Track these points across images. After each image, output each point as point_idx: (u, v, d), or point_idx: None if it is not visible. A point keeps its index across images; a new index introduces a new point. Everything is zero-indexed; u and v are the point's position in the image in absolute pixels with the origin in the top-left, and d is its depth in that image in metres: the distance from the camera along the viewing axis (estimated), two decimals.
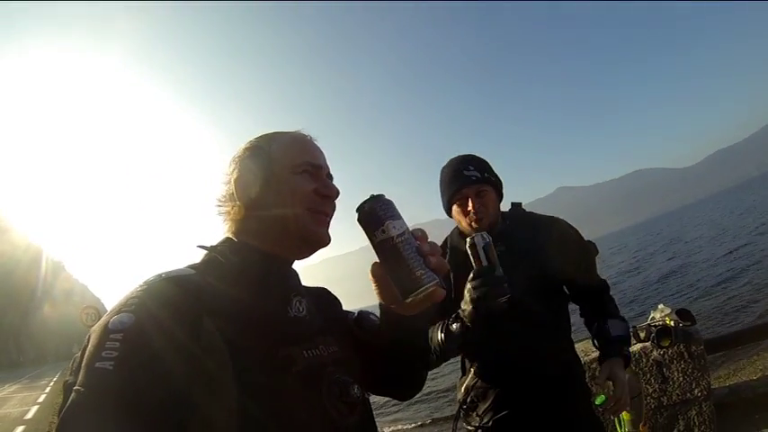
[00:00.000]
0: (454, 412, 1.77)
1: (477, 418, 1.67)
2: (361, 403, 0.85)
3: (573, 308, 1.82)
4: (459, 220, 1.76)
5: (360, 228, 0.80)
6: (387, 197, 0.81)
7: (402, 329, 0.88)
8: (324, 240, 0.89)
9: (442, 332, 1.54)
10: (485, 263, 1.36)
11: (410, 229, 0.78)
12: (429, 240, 0.79)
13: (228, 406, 0.68)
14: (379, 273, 0.81)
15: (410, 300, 0.75)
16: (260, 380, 0.72)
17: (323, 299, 1.01)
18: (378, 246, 0.77)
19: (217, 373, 0.69)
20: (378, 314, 0.95)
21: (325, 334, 0.89)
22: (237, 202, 0.88)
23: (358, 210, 0.79)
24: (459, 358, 1.83)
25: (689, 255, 24.76)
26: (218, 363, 0.69)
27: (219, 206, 0.91)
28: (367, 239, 0.79)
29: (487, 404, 1.65)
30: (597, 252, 1.84)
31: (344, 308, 1.06)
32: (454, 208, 1.75)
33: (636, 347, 3.06)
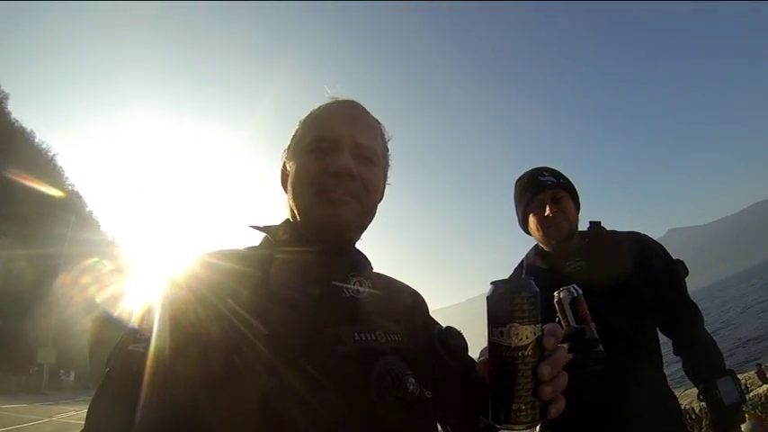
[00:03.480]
0: None
1: None
2: (418, 401, 0.70)
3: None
4: (535, 232, 1.65)
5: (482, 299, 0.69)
6: (532, 286, 0.64)
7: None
8: (333, 223, 0.78)
9: None
10: (572, 322, 1.17)
11: (543, 330, 0.64)
12: (558, 356, 0.65)
13: (261, 383, 0.64)
14: (481, 372, 0.72)
15: (500, 428, 0.66)
16: (298, 357, 0.67)
17: (400, 290, 0.94)
18: (491, 345, 0.65)
19: (253, 351, 0.65)
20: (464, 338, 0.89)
21: (388, 320, 0.80)
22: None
23: (491, 284, 0.68)
24: None
25: None
26: (255, 339, 0.66)
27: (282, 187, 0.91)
28: (479, 299, 0.75)
29: None
30: (687, 272, 1.68)
31: None
32: (530, 219, 1.63)
33: (762, 389, 2.77)
